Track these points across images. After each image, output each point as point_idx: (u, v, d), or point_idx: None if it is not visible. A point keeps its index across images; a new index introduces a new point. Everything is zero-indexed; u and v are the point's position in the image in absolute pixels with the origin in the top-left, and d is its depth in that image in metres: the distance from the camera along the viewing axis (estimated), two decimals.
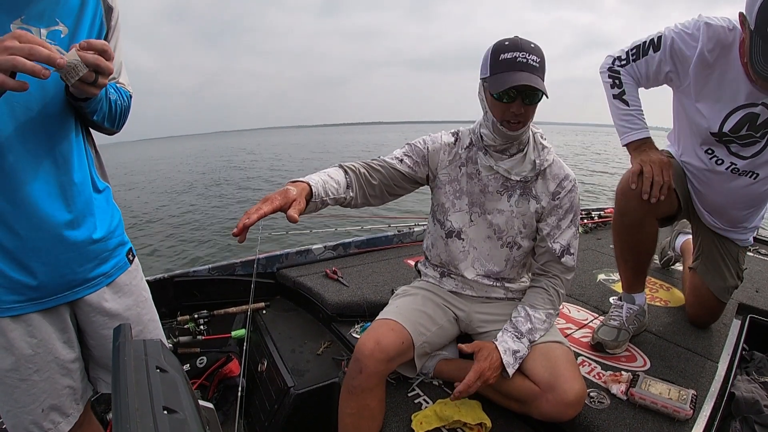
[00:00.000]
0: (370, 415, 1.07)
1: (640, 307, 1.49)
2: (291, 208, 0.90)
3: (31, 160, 0.78)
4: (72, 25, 0.79)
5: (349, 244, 2.23)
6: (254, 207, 0.86)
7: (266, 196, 0.90)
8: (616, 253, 1.52)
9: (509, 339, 1.13)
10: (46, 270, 0.82)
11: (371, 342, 1.06)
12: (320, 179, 1.04)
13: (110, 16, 0.87)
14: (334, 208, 1.14)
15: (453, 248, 1.25)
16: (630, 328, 1.45)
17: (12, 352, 0.81)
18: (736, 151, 1.28)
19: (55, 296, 0.85)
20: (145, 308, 1.03)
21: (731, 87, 1.20)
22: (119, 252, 0.97)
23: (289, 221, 0.88)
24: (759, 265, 2.24)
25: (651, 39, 1.28)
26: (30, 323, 0.83)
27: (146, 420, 0.35)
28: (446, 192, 1.24)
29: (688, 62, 1.22)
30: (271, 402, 1.38)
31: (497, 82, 1.04)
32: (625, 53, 1.33)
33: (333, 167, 1.14)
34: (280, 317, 1.77)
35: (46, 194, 0.80)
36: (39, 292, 0.83)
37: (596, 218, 2.96)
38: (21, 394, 0.84)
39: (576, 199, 1.21)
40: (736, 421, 1.18)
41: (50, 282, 0.84)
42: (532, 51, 1.03)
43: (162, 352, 0.48)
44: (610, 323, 1.45)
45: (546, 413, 1.04)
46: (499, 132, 1.12)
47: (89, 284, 0.90)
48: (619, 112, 1.35)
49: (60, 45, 0.74)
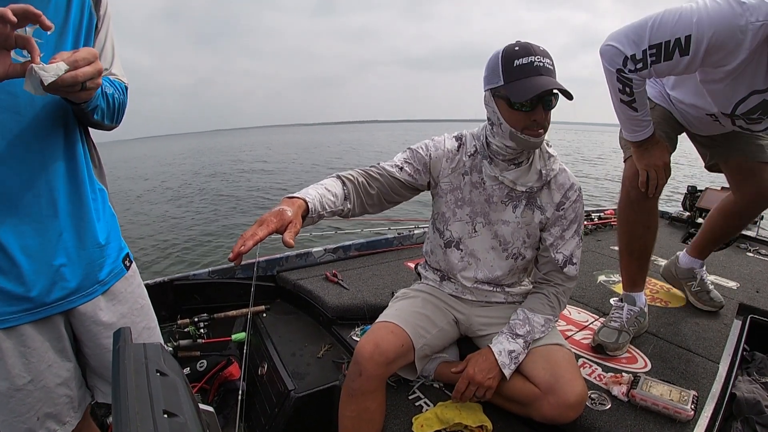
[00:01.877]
0: (370, 418, 1.06)
1: (640, 308, 1.50)
2: (287, 231, 0.88)
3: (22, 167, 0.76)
4: (60, 21, 0.77)
5: (349, 247, 2.23)
6: (249, 232, 0.85)
7: (262, 217, 0.89)
8: (620, 246, 1.54)
9: (504, 340, 1.12)
10: (39, 280, 0.81)
11: (371, 345, 1.05)
12: (317, 194, 1.02)
13: (99, 5, 0.85)
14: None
15: (451, 258, 1.24)
16: (630, 330, 1.45)
17: (5, 362, 0.80)
18: (741, 125, 1.25)
19: (49, 306, 0.83)
20: (140, 315, 1.00)
21: (751, 71, 1.06)
22: (115, 258, 0.95)
23: (284, 246, 0.86)
24: (759, 265, 2.24)
25: (677, 39, 1.04)
26: (23, 333, 0.81)
27: (146, 424, 0.35)
28: (447, 201, 1.21)
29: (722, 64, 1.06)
30: (272, 405, 1.38)
31: (520, 90, 1.00)
32: (642, 53, 1.09)
33: (330, 178, 1.12)
34: (280, 320, 1.77)
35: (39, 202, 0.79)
36: (32, 303, 0.81)
37: (596, 220, 2.96)
38: (16, 403, 0.83)
39: (580, 209, 1.19)
40: (737, 421, 1.18)
41: (44, 292, 0.82)
42: (544, 54, 1.01)
43: (162, 355, 0.47)
44: (610, 325, 1.46)
45: (547, 415, 1.04)
46: (519, 141, 1.07)
47: (84, 293, 0.88)
48: (625, 116, 1.27)
49: (47, 42, 0.72)
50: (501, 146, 1.11)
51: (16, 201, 0.77)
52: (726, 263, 2.24)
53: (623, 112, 1.25)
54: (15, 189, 0.76)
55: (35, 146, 0.78)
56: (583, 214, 1.21)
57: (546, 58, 1.01)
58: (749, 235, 2.71)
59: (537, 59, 1.00)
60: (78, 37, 0.81)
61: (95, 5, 0.84)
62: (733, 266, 2.20)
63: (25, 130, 0.76)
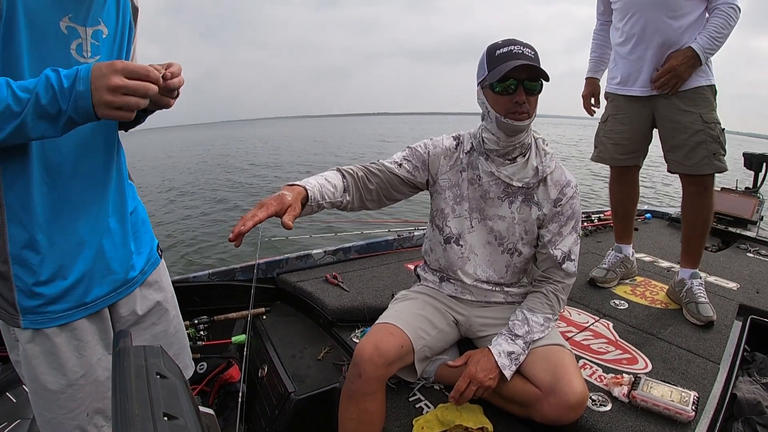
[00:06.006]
0: (370, 420, 1.06)
1: (625, 255, 1.98)
2: (286, 214, 0.90)
3: (86, 167, 0.80)
4: (112, 27, 0.80)
5: (349, 249, 2.23)
6: (249, 213, 0.87)
7: (262, 201, 0.91)
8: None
9: (503, 341, 1.13)
10: (94, 275, 0.84)
11: (370, 346, 1.05)
12: (317, 183, 1.05)
13: (136, 17, 0.89)
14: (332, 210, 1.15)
15: (451, 254, 1.24)
16: (617, 270, 1.95)
17: (59, 357, 0.82)
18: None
19: (101, 299, 0.86)
20: (172, 303, 1.04)
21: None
22: (151, 248, 0.98)
23: (283, 228, 0.89)
24: (759, 266, 2.24)
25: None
26: (76, 327, 0.83)
27: (146, 426, 0.35)
28: (446, 197, 1.23)
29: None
30: (272, 408, 1.37)
31: (496, 72, 1.04)
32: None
33: (331, 170, 1.14)
34: (280, 322, 1.77)
35: (101, 195, 0.84)
36: (86, 298, 0.83)
37: (596, 221, 2.96)
38: (66, 399, 0.84)
39: (577, 205, 1.21)
40: (738, 422, 1.18)
41: (97, 286, 0.85)
42: (525, 45, 1.06)
43: (162, 357, 0.47)
44: (601, 266, 1.98)
45: (548, 416, 1.04)
46: (505, 127, 1.10)
47: (129, 284, 0.91)
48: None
49: (102, 45, 0.77)
50: (492, 138, 1.15)
51: (83, 201, 0.81)
52: (726, 264, 2.24)
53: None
54: (83, 191, 0.81)
55: (101, 147, 0.83)
56: (580, 210, 1.23)
57: (526, 48, 1.06)
58: (749, 235, 2.71)
59: (516, 48, 1.05)
60: (122, 46, 0.85)
61: (134, 15, 0.88)
62: (734, 267, 2.20)
63: (90, 134, 0.80)
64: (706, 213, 1.70)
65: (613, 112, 1.80)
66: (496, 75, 1.04)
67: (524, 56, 1.04)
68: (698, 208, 1.71)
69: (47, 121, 0.64)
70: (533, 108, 1.09)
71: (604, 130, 1.85)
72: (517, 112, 1.08)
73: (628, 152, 1.80)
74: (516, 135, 1.12)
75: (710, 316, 1.57)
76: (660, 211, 3.29)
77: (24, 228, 0.75)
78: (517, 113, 1.08)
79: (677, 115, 1.61)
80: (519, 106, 1.07)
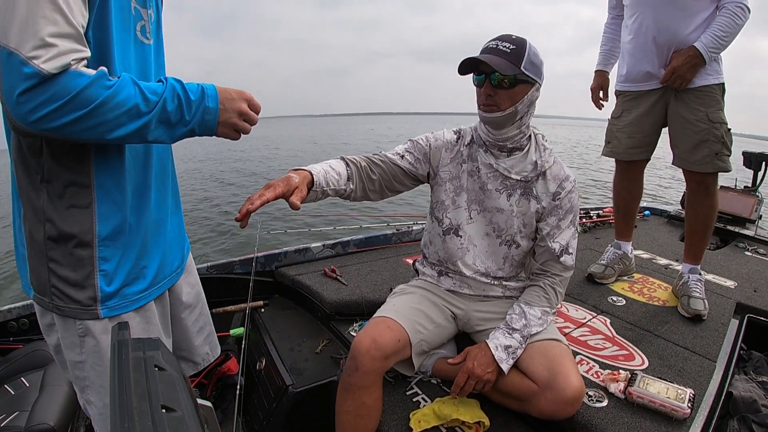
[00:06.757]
0: (367, 413, 1.07)
1: (624, 252, 1.97)
2: (293, 195, 0.92)
3: (159, 149, 0.83)
4: (155, 11, 0.81)
5: (347, 243, 2.23)
6: (257, 193, 0.88)
7: (269, 182, 0.92)
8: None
9: (500, 335, 1.13)
10: (166, 255, 0.86)
11: (367, 340, 1.06)
12: (322, 169, 1.06)
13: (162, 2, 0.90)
14: (334, 200, 1.16)
15: (451, 245, 1.25)
16: (615, 267, 1.94)
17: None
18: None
19: (165, 280, 0.87)
20: (199, 286, 1.06)
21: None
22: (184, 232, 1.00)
23: (290, 208, 0.90)
24: (757, 265, 2.25)
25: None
26: (148, 310, 0.83)
27: (145, 418, 0.35)
28: (446, 189, 1.24)
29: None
30: (270, 400, 1.38)
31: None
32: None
33: (335, 159, 1.15)
34: (278, 316, 1.77)
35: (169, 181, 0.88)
36: (159, 277, 0.84)
37: (594, 217, 2.97)
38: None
39: (575, 199, 1.22)
40: (733, 420, 1.18)
41: (168, 266, 0.86)
42: (507, 39, 1.06)
43: (160, 350, 0.47)
44: (600, 261, 1.98)
45: (544, 411, 1.04)
46: (482, 118, 1.15)
47: (181, 267, 0.93)
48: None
49: (152, 29, 0.78)
50: (483, 129, 1.18)
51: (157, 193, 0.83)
52: (724, 263, 2.24)
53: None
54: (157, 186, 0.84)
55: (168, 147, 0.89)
56: (578, 204, 1.24)
57: (505, 42, 1.06)
58: (747, 234, 2.71)
59: (493, 42, 1.07)
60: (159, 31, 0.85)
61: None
62: (731, 265, 2.20)
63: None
64: (707, 211, 1.70)
65: (627, 107, 1.81)
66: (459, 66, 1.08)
67: (496, 50, 1.05)
68: (698, 206, 1.72)
69: (166, 126, 0.68)
70: (505, 102, 1.09)
71: (617, 126, 1.85)
72: (486, 105, 1.10)
73: (641, 145, 1.82)
74: (498, 129, 1.14)
75: (698, 310, 1.58)
76: (659, 208, 3.29)
77: (118, 209, 0.74)
78: (485, 105, 1.10)
79: (685, 111, 1.62)
80: (486, 98, 1.10)
